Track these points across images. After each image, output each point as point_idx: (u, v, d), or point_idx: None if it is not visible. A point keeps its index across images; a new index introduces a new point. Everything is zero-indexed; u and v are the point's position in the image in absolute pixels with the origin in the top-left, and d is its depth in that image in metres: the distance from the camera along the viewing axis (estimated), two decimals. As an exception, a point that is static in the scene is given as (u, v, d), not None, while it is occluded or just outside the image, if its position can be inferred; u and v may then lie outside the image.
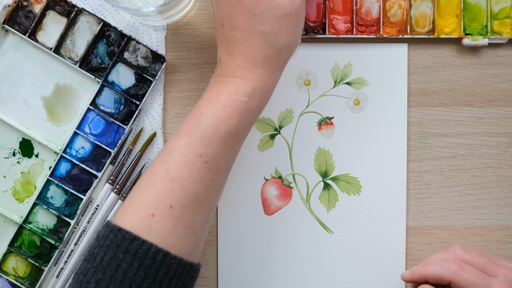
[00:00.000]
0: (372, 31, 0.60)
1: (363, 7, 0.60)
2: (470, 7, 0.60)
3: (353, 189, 0.61)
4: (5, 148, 0.59)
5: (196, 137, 0.47)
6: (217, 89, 0.48)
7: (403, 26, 0.60)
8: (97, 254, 0.46)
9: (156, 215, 0.46)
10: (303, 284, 0.61)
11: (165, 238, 0.46)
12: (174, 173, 0.47)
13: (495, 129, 0.61)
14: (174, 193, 0.47)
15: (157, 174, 0.48)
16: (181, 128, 0.49)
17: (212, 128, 0.47)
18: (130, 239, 0.46)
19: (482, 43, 0.60)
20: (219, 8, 0.48)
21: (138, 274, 0.45)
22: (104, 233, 0.47)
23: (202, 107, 0.48)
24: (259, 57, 0.47)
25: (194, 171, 0.47)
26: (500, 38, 0.60)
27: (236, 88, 0.48)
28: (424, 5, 0.60)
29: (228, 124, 0.47)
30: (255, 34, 0.47)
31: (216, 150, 0.47)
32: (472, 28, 0.60)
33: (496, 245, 0.62)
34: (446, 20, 0.60)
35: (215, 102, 0.48)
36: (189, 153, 0.47)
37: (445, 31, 0.60)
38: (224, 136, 0.47)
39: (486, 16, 0.60)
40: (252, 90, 0.48)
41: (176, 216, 0.47)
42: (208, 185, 0.48)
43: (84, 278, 0.46)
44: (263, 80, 0.48)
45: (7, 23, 0.58)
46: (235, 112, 0.47)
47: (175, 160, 0.47)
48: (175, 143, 0.48)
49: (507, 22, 0.60)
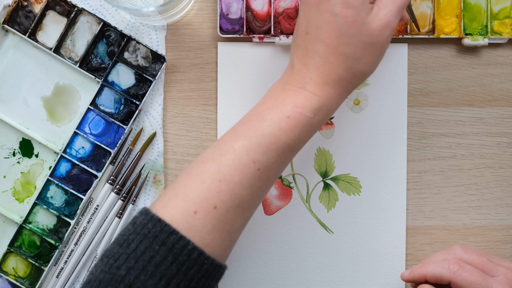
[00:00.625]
0: None
1: None
2: (470, 7, 0.60)
3: (353, 189, 0.61)
4: (5, 148, 0.59)
5: (254, 142, 0.47)
6: (284, 97, 0.47)
7: (403, 26, 0.60)
8: (131, 241, 0.45)
9: (199, 213, 0.46)
10: (303, 284, 0.61)
11: (203, 237, 0.46)
12: (225, 175, 0.46)
13: (495, 129, 0.61)
14: (220, 195, 0.46)
15: (206, 172, 0.47)
16: (238, 129, 0.48)
17: (272, 137, 0.47)
18: (168, 232, 0.45)
19: (482, 43, 0.60)
20: (309, 16, 0.47)
21: (170, 268, 0.44)
22: (142, 220, 0.46)
23: (265, 113, 0.47)
24: (334, 76, 0.47)
25: (245, 176, 0.46)
26: (500, 38, 0.60)
27: (304, 101, 0.47)
28: (424, 5, 0.60)
29: (288, 136, 0.47)
30: (337, 53, 0.46)
31: (270, 160, 0.47)
32: (472, 28, 0.60)
33: (496, 245, 0.62)
34: (446, 20, 0.60)
35: (280, 111, 0.47)
36: (244, 157, 0.46)
37: (445, 31, 0.60)
38: (282, 147, 0.47)
39: (486, 16, 0.60)
40: (319, 107, 0.47)
41: (218, 218, 0.46)
42: (254, 192, 0.47)
43: (115, 263, 0.44)
44: (330, 100, 0.47)
45: (7, 23, 0.58)
46: (298, 125, 0.47)
47: (228, 162, 0.47)
48: (231, 143, 0.47)
49: (507, 22, 0.60)
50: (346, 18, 0.46)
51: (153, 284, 0.44)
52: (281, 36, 0.59)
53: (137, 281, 0.44)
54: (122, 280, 0.44)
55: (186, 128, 0.61)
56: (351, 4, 0.45)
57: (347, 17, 0.46)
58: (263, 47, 0.60)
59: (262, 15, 0.60)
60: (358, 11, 0.46)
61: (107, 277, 0.44)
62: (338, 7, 0.46)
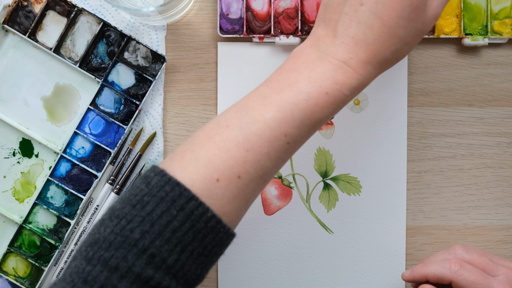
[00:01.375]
0: None
1: None
2: (470, 7, 0.60)
3: (353, 189, 0.61)
4: (5, 148, 0.59)
5: (288, 115, 0.44)
6: (322, 70, 0.44)
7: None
8: (147, 203, 0.42)
9: (221, 181, 0.43)
10: (303, 284, 0.61)
11: (222, 206, 0.43)
12: (253, 145, 0.44)
13: (495, 129, 0.62)
14: (246, 165, 0.44)
15: (233, 139, 0.44)
16: (270, 97, 0.45)
17: (308, 112, 0.44)
18: (188, 198, 0.42)
19: (482, 43, 0.60)
20: None
21: (187, 235, 0.42)
22: (158, 182, 0.43)
23: (302, 85, 0.44)
24: (380, 56, 0.45)
25: (274, 149, 0.44)
26: (500, 38, 0.60)
27: (345, 79, 0.44)
28: None
29: (323, 112, 0.44)
30: (392, 35, 0.45)
31: (301, 134, 0.45)
32: (472, 28, 0.60)
33: (496, 245, 0.62)
34: (446, 20, 0.60)
35: (319, 86, 0.44)
36: (275, 129, 0.44)
37: (445, 31, 0.60)
38: (315, 123, 0.45)
39: (486, 16, 0.60)
40: (357, 85, 0.45)
41: (240, 188, 0.44)
42: (278, 164, 0.45)
43: (128, 225, 0.41)
44: (368, 79, 0.46)
45: (7, 23, 0.58)
46: (334, 102, 0.44)
47: (258, 132, 0.44)
48: (262, 112, 0.44)
49: (507, 22, 0.60)
50: (412, 1, 0.44)
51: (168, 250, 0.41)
52: (281, 36, 0.59)
53: (151, 246, 0.41)
54: (136, 244, 0.41)
55: (186, 128, 0.61)
56: None
57: (413, 4, 0.44)
58: (263, 47, 0.61)
59: (262, 15, 0.60)
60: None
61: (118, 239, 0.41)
62: None
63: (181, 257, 0.42)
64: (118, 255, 0.40)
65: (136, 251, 0.41)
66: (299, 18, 0.59)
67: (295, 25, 0.59)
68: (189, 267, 0.43)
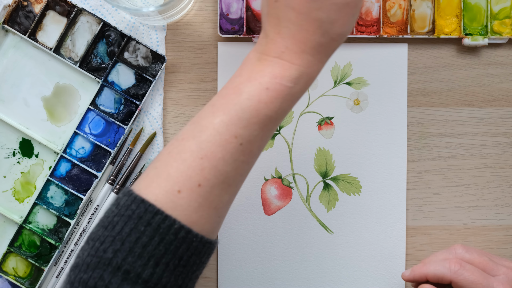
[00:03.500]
0: (372, 31, 0.60)
1: (363, 7, 0.60)
2: (470, 7, 0.60)
3: (353, 189, 0.61)
4: (5, 148, 0.59)
5: (234, 116, 0.45)
6: (260, 68, 0.46)
7: (403, 26, 0.60)
8: (116, 223, 0.44)
9: (183, 192, 0.44)
10: (303, 284, 0.61)
11: (189, 215, 0.44)
12: (206, 152, 0.45)
13: (495, 129, 0.61)
14: (204, 172, 0.45)
15: (187, 150, 0.45)
16: (216, 104, 0.46)
17: (252, 110, 0.45)
18: (153, 212, 0.44)
19: (482, 43, 0.60)
20: None
21: (158, 249, 0.43)
22: (125, 202, 0.45)
23: (243, 86, 0.45)
24: (310, 43, 0.45)
25: (228, 152, 0.45)
26: (500, 38, 0.60)
27: (282, 71, 0.45)
28: (424, 5, 0.60)
29: (269, 108, 0.45)
30: (310, 19, 0.44)
31: (252, 133, 0.45)
32: (472, 28, 0.60)
33: (496, 245, 0.62)
34: (446, 20, 0.60)
35: (258, 83, 0.45)
36: (224, 132, 0.45)
37: (445, 31, 0.60)
38: (263, 120, 0.45)
39: (486, 16, 0.60)
40: (298, 75, 0.45)
41: (203, 195, 0.45)
42: (239, 167, 0.46)
43: (101, 246, 0.44)
44: (309, 67, 0.46)
45: (7, 23, 0.58)
46: (278, 96, 0.45)
47: (209, 138, 0.45)
48: (210, 119, 0.46)
49: (507, 22, 0.60)
50: None
51: (141, 265, 0.43)
52: (281, 36, 0.59)
53: (125, 263, 0.43)
54: (110, 263, 0.43)
55: (186, 128, 0.61)
56: None
57: None
58: (263, 47, 0.60)
59: (262, 15, 0.60)
60: None
61: (94, 260, 0.43)
62: None
63: (156, 270, 0.43)
64: (95, 275, 0.43)
65: (111, 269, 0.43)
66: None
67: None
68: (168, 279, 0.44)
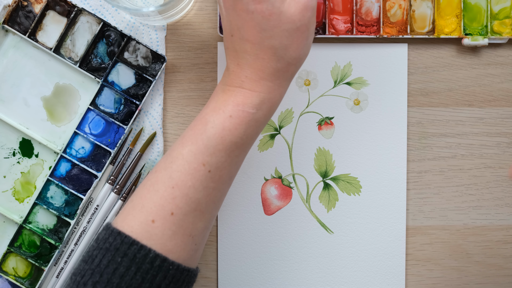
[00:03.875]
0: (372, 31, 0.60)
1: (363, 7, 0.60)
2: (470, 7, 0.60)
3: (353, 189, 0.61)
4: (5, 148, 0.59)
5: (200, 145, 0.47)
6: (224, 98, 0.48)
7: (403, 26, 0.60)
8: (95, 256, 0.46)
9: (157, 221, 0.46)
10: (303, 284, 0.61)
11: (164, 244, 0.46)
12: (177, 181, 0.47)
13: (495, 129, 0.61)
14: (175, 200, 0.47)
15: (159, 180, 0.48)
16: (185, 135, 0.49)
17: (217, 138, 0.47)
18: (128, 243, 0.46)
19: (482, 43, 0.60)
20: (229, 19, 0.47)
21: (135, 278, 0.45)
22: (103, 235, 0.47)
23: (208, 116, 0.48)
24: (268, 70, 0.47)
25: (197, 180, 0.47)
26: (500, 38, 0.60)
27: (244, 99, 0.47)
28: (424, 5, 0.60)
29: (233, 134, 0.47)
30: (264, 48, 0.47)
31: (220, 160, 0.47)
32: (472, 28, 0.60)
33: (496, 245, 0.62)
34: (446, 20, 0.60)
35: (222, 111, 0.47)
36: (192, 161, 0.47)
37: (445, 31, 0.60)
38: (229, 146, 0.47)
39: (486, 16, 0.60)
40: (260, 102, 0.47)
41: (176, 223, 0.47)
42: (210, 194, 0.48)
43: (82, 280, 0.46)
44: (271, 92, 0.48)
45: (7, 23, 0.58)
46: (242, 123, 0.47)
47: (178, 168, 0.47)
48: (179, 150, 0.48)
49: (507, 22, 0.60)
50: (262, 13, 0.45)
51: None
52: (281, 36, 0.59)
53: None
54: None
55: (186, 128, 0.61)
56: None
57: (263, 12, 0.45)
58: (263, 47, 0.60)
59: (262, 15, 0.59)
60: (272, 2, 0.45)
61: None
62: (251, 5, 0.45)
63: None
64: None
65: None
66: (299, 18, 0.59)
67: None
68: None
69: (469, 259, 0.62)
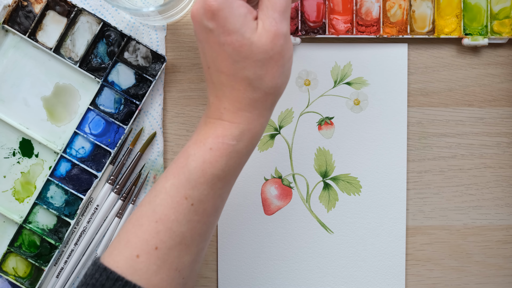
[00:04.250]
0: (372, 31, 0.60)
1: (363, 7, 0.60)
2: (470, 7, 0.60)
3: (353, 189, 0.61)
4: (5, 148, 0.59)
5: (182, 179, 0.47)
6: (205, 131, 0.48)
7: (403, 26, 0.60)
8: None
9: (141, 256, 0.46)
10: (303, 284, 0.61)
11: (149, 279, 0.46)
12: (160, 215, 0.47)
13: (495, 129, 0.61)
14: (159, 235, 0.46)
15: (143, 215, 0.47)
16: (169, 169, 0.48)
17: (198, 171, 0.47)
18: (114, 279, 0.45)
19: (482, 43, 0.60)
20: (204, 51, 0.47)
21: None
22: (91, 271, 0.47)
23: (190, 149, 0.48)
24: (245, 100, 0.47)
25: (180, 213, 0.47)
26: (500, 38, 0.60)
27: (223, 131, 0.47)
28: (424, 5, 0.60)
29: (214, 167, 0.47)
30: (239, 79, 0.46)
31: (202, 193, 0.47)
32: (472, 28, 0.60)
33: (496, 245, 0.62)
34: (446, 20, 0.60)
35: (202, 144, 0.47)
36: (175, 195, 0.47)
37: (445, 31, 0.60)
38: (211, 179, 0.47)
39: (486, 16, 0.60)
40: (240, 133, 0.47)
41: (161, 258, 0.46)
42: (195, 227, 0.47)
43: None
44: (250, 123, 0.47)
45: (7, 23, 0.58)
46: (222, 155, 0.47)
47: (161, 201, 0.47)
48: (163, 184, 0.48)
49: (507, 22, 0.60)
50: (233, 44, 0.45)
51: None
52: (281, 36, 0.59)
53: None
54: None
55: (186, 128, 0.61)
56: (232, 30, 0.45)
57: (233, 43, 0.45)
58: (263, 47, 0.60)
59: (262, 15, 0.59)
60: (242, 33, 0.45)
61: None
62: (222, 37, 0.45)
63: None
64: None
65: None
66: (299, 18, 0.59)
67: (295, 25, 0.59)
68: None
69: (469, 259, 0.62)
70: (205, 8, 0.45)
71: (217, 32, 0.45)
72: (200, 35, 0.47)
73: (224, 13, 0.45)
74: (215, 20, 0.45)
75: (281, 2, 0.46)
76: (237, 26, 0.45)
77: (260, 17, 0.46)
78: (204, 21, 0.46)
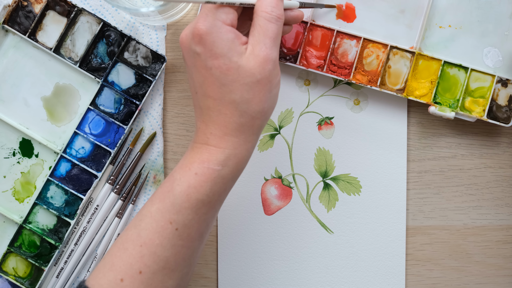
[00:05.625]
0: (343, 73, 0.59)
1: (341, 48, 0.59)
2: (447, 77, 0.58)
3: (353, 189, 0.61)
4: (5, 148, 0.59)
5: (167, 203, 0.47)
6: (191, 155, 0.48)
7: (375, 77, 0.59)
8: None
9: (125, 280, 0.46)
10: (303, 284, 0.61)
11: None
12: (145, 239, 0.47)
13: (495, 129, 0.61)
14: (143, 259, 0.46)
15: (129, 238, 0.48)
16: (155, 193, 0.49)
17: (183, 195, 0.47)
18: None
19: (448, 115, 0.58)
20: (192, 76, 0.48)
21: None
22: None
23: (176, 174, 0.48)
24: (232, 125, 0.47)
25: (164, 238, 0.47)
26: (468, 116, 0.58)
27: (209, 156, 0.47)
28: (402, 62, 0.59)
29: (199, 192, 0.47)
30: (226, 103, 0.46)
31: (187, 218, 0.47)
32: (444, 98, 0.58)
33: (496, 245, 0.62)
34: (420, 83, 0.59)
35: (188, 169, 0.47)
36: (160, 219, 0.47)
37: (415, 93, 0.59)
38: (195, 204, 0.47)
39: (461, 90, 0.58)
40: (225, 158, 0.47)
41: (145, 282, 0.46)
42: (179, 252, 0.47)
43: None
44: (236, 148, 0.47)
45: (7, 23, 0.58)
46: (207, 180, 0.47)
47: (146, 226, 0.47)
48: (149, 207, 0.48)
49: (481, 102, 0.58)
50: (220, 68, 0.45)
51: None
52: (281, 36, 0.59)
53: None
54: None
55: (186, 128, 0.61)
56: (219, 54, 0.45)
57: (221, 67, 0.45)
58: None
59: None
60: (229, 57, 0.45)
61: None
62: (209, 61, 0.45)
63: None
64: None
65: None
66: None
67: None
68: None
69: (469, 259, 0.62)
70: (193, 32, 0.46)
71: (204, 56, 0.46)
72: (188, 60, 0.47)
73: (212, 37, 0.45)
74: (203, 44, 0.45)
75: (273, 29, 0.46)
76: (225, 50, 0.45)
77: (250, 42, 0.46)
78: (192, 45, 0.46)
